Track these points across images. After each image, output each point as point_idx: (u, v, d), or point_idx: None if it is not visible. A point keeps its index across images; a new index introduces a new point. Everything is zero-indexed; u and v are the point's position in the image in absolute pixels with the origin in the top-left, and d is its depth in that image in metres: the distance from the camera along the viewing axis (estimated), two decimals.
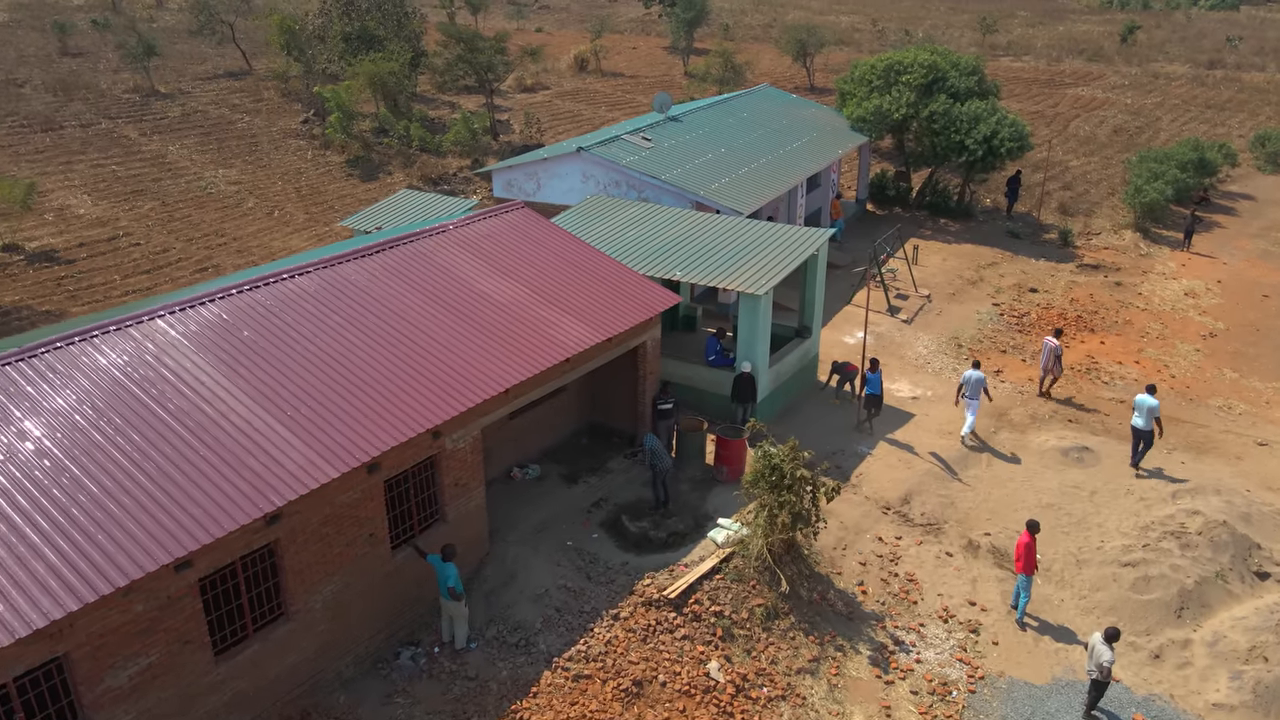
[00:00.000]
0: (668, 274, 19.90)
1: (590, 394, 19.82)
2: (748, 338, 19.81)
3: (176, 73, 48.43)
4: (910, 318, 26.92)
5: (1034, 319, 27.41)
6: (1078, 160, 44.62)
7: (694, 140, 28.88)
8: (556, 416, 19.11)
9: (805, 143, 31.08)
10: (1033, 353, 25.36)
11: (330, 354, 13.89)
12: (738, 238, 21.40)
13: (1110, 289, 29.92)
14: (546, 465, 18.54)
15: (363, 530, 13.15)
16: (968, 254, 32.13)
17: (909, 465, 19.92)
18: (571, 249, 18.79)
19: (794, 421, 21.30)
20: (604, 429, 19.85)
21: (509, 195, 27.90)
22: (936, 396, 22.89)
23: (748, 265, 19.99)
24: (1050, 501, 18.99)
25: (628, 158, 26.19)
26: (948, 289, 29.10)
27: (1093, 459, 20.54)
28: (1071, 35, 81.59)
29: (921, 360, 24.70)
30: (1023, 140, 32.12)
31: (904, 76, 33.16)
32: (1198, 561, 17.02)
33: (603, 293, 17.65)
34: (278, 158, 38.05)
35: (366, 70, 36.99)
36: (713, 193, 25.06)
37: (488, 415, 14.89)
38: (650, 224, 22.56)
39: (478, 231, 18.34)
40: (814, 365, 22.89)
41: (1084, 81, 62.80)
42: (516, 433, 18.21)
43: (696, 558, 16.21)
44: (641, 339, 18.07)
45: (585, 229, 22.51)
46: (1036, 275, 30.69)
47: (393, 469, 13.38)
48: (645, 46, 74.27)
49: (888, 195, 35.99)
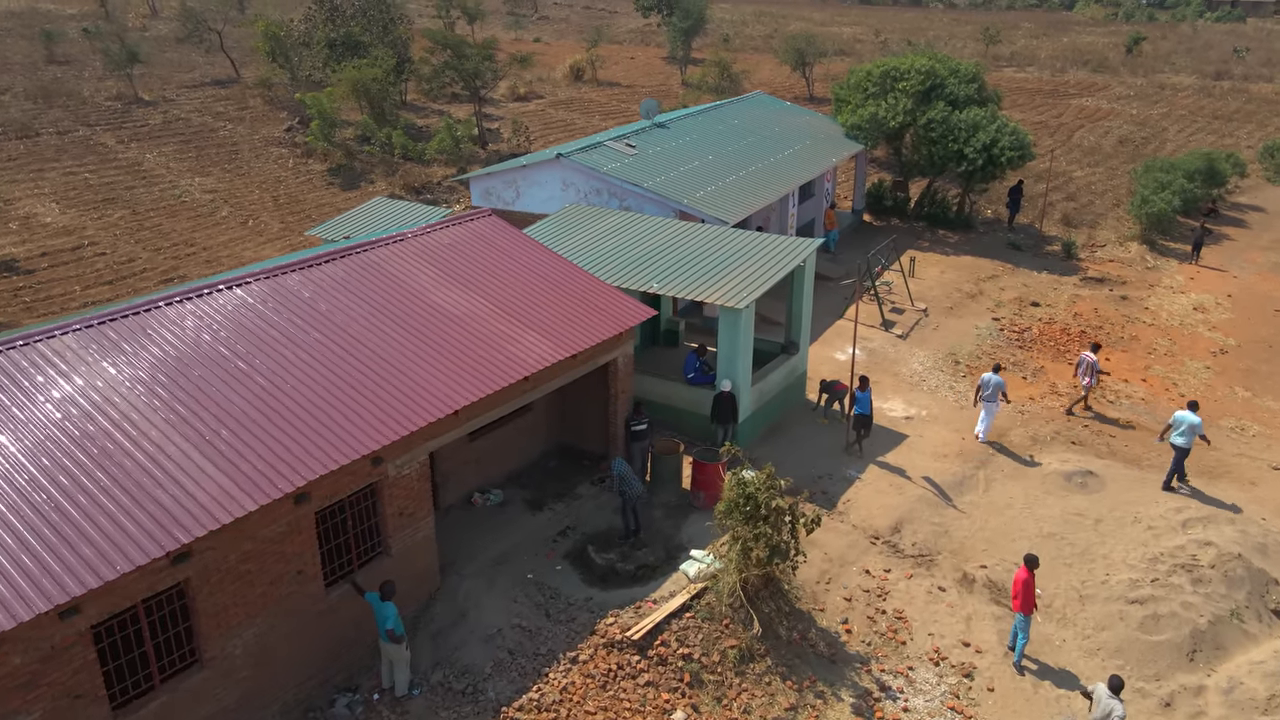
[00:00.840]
0: (644, 286, 18.74)
1: (560, 414, 18.63)
2: (728, 354, 18.61)
3: (163, 80, 47.55)
4: (905, 333, 25.71)
5: (1035, 334, 26.16)
6: (1082, 171, 43.44)
7: (680, 147, 27.77)
8: (522, 438, 17.90)
9: (797, 150, 29.95)
10: (1034, 370, 24.12)
11: (261, 373, 12.72)
12: (721, 248, 20.25)
13: (1115, 303, 28.68)
14: (510, 490, 17.33)
15: (290, 567, 11.95)
16: (967, 266, 30.93)
17: (900, 491, 18.66)
18: (539, 260, 17.64)
19: (779, 443, 20.08)
20: (575, 451, 18.64)
21: (487, 204, 26.79)
22: (931, 416, 21.64)
23: (729, 277, 18.82)
24: (1051, 530, 17.72)
25: (609, 165, 25.07)
26: (945, 302, 27.88)
27: (1097, 484, 19.27)
28: (1076, 46, 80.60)
29: (916, 378, 23.46)
30: (1024, 149, 30.95)
31: (901, 83, 32.04)
32: (1211, 598, 15.74)
33: (570, 306, 16.48)
34: (258, 166, 37.04)
35: (349, 77, 35.99)
36: (697, 201, 23.92)
37: (437, 438, 13.71)
38: (629, 233, 21.43)
39: (438, 241, 17.20)
40: (801, 383, 21.68)
41: (1088, 92, 61.72)
42: (477, 455, 17.01)
43: (666, 593, 14.97)
44: (612, 355, 16.89)
45: (561, 238, 21.40)
46: (1038, 289, 29.46)
47: (326, 499, 12.19)
48: (643, 57, 73.41)
49: (885, 206, 34.83)
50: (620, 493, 16.01)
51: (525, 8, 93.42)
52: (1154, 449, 20.77)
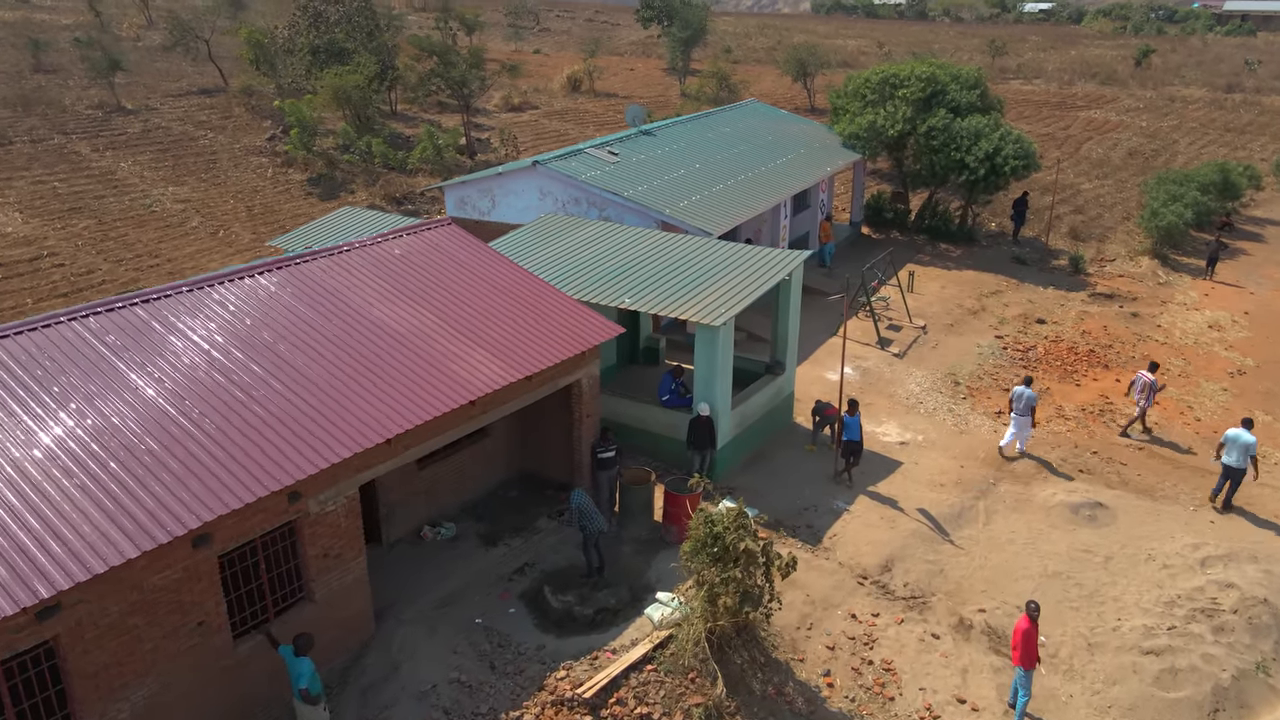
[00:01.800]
0: (615, 301, 17.35)
1: (521, 439, 17.21)
2: (705, 375, 17.18)
3: (148, 89, 46.53)
4: (902, 351, 24.24)
5: (1041, 353, 24.66)
6: (1090, 183, 41.99)
7: (666, 155, 26.45)
8: (479, 466, 16.49)
9: (790, 159, 28.59)
10: (1039, 391, 22.57)
11: (162, 398, 11.34)
12: (702, 261, 18.87)
13: (1126, 320, 27.18)
14: (465, 523, 15.89)
15: (189, 618, 10.53)
16: (969, 281, 29.47)
17: (892, 524, 17.16)
18: (499, 273, 16.27)
19: (762, 471, 18.62)
20: (538, 480, 17.20)
21: (462, 214, 25.49)
22: (928, 441, 20.15)
23: (708, 292, 17.42)
24: (1057, 569, 16.21)
25: (588, 173, 23.74)
26: (945, 319, 26.42)
27: (1107, 517, 17.75)
28: (1084, 59, 79.32)
29: (913, 399, 21.98)
30: (1028, 158, 29.53)
31: (900, 90, 30.69)
32: (1234, 649, 14.20)
33: (529, 323, 15.09)
34: (235, 175, 35.85)
35: (329, 84, 34.81)
36: (680, 211, 22.55)
37: (370, 469, 12.31)
38: (605, 245, 20.07)
39: (386, 252, 15.85)
40: (788, 406, 20.22)
41: (1096, 104, 60.35)
42: (428, 485, 15.60)
43: (628, 641, 13.50)
44: (575, 376, 15.48)
45: (532, 250, 20.05)
46: (1044, 305, 27.99)
47: (231, 541, 10.78)
48: (643, 68, 72.36)
49: (885, 218, 33.42)
50: (580, 528, 14.57)
51: (526, 20, 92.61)
52: (1169, 477, 19.27)
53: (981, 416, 21.33)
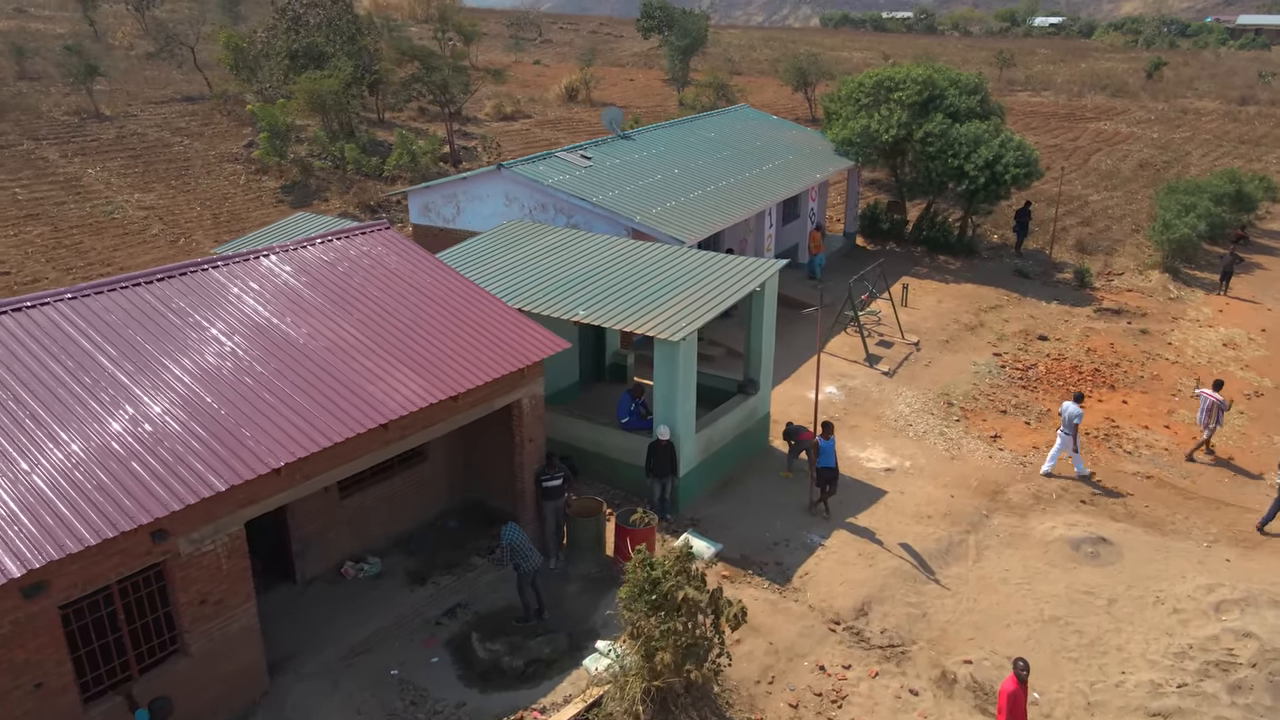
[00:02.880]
0: (568, 314, 15.84)
1: (464, 464, 15.67)
2: (665, 395, 15.62)
3: (131, 96, 45.44)
4: (892, 369, 22.62)
5: (1042, 372, 22.99)
6: (1098, 195, 40.32)
7: (643, 160, 24.98)
8: (414, 493, 14.94)
9: (777, 166, 27.08)
10: (1039, 414, 20.94)
11: (6, 426, 9.85)
12: (668, 270, 17.36)
13: (1134, 337, 25.49)
14: (394, 558, 14.33)
15: (22, 679, 9.00)
16: (968, 295, 27.84)
17: (871, 561, 15.51)
18: (437, 282, 14.77)
19: (731, 499, 17.01)
20: (483, 509, 15.64)
21: (426, 221, 24.08)
22: (916, 468, 18.50)
23: (671, 304, 15.89)
24: (1055, 613, 14.54)
25: (555, 177, 22.28)
26: (940, 335, 24.78)
27: (1112, 554, 16.08)
28: (1094, 71, 77.77)
29: (902, 421, 20.34)
30: (1030, 166, 27.93)
31: (896, 93, 29.16)
32: (1253, 712, 12.51)
33: (463, 337, 13.57)
34: (206, 182, 34.57)
35: (303, 88, 33.53)
36: (652, 218, 21.05)
37: (258, 503, 10.78)
38: (566, 253, 18.59)
39: (310, 259, 14.38)
40: (763, 429, 18.62)
41: (1106, 116, 58.73)
42: (352, 515, 14.06)
43: (561, 698, 11.91)
44: (514, 396, 13.93)
45: (486, 259, 18.59)
46: (1047, 320, 26.33)
47: (76, 588, 9.26)
48: (643, 78, 71.15)
49: (880, 228, 31.84)
50: (514, 566, 13.01)
51: (529, 31, 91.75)
52: (1180, 509, 17.58)
53: (975, 440, 19.68)
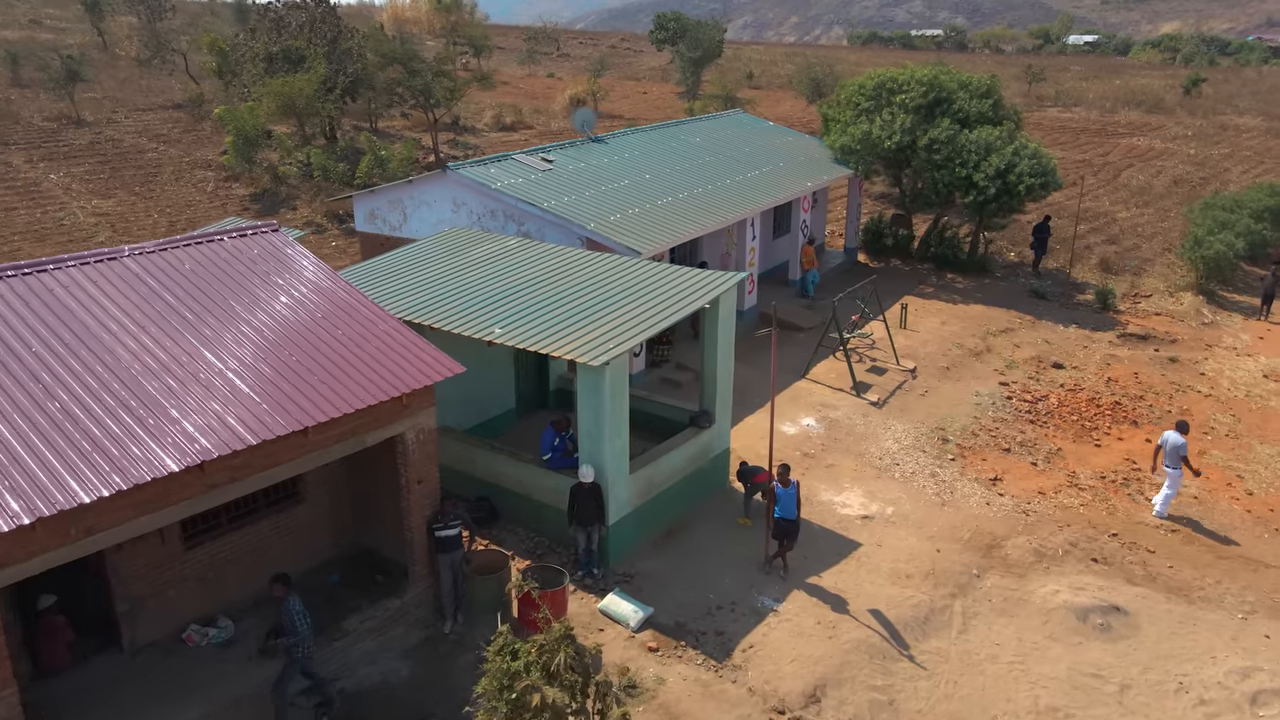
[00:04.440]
0: (482, 333, 13.58)
1: (356, 507, 13.39)
2: (590, 430, 13.27)
3: (119, 103, 44.19)
4: (882, 399, 20.08)
5: (1053, 404, 20.33)
6: (1127, 211, 37.48)
7: (612, 164, 22.75)
8: (287, 541, 12.67)
9: (765, 173, 24.72)
10: (1047, 454, 18.31)
11: None
12: (612, 284, 15.09)
13: (1161, 366, 22.75)
14: (252, 620, 12.03)
15: None
16: (975, 317, 25.22)
17: (832, 632, 13.00)
18: (319, 294, 12.57)
19: (675, 552, 14.58)
20: (375, 560, 13.34)
21: (372, 229, 22.02)
22: (899, 516, 15.95)
23: (602, 322, 13.59)
24: (1054, 703, 12.02)
25: (506, 181, 20.10)
26: (941, 361, 22.20)
27: (1126, 627, 13.48)
28: (1129, 88, 74.70)
29: (888, 459, 17.80)
30: (1047, 176, 25.31)
31: (898, 96, 26.72)
32: None
33: (331, 359, 11.33)
34: (173, 189, 32.90)
35: (272, 90, 31.77)
36: (608, 226, 18.77)
37: (14, 567, 8.55)
38: (501, 264, 16.37)
39: (175, 262, 12.25)
40: (720, 467, 16.17)
41: (1140, 132, 55.78)
42: (203, 570, 11.82)
43: None
44: (396, 429, 11.64)
45: (410, 270, 16.42)
46: (1063, 346, 23.65)
47: None
48: (657, 91, 69.25)
49: (884, 244, 29.33)
50: (287, 650, 10.65)
51: (546, 45, 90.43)
52: (1210, 570, 14.92)
53: (971, 483, 17.10)
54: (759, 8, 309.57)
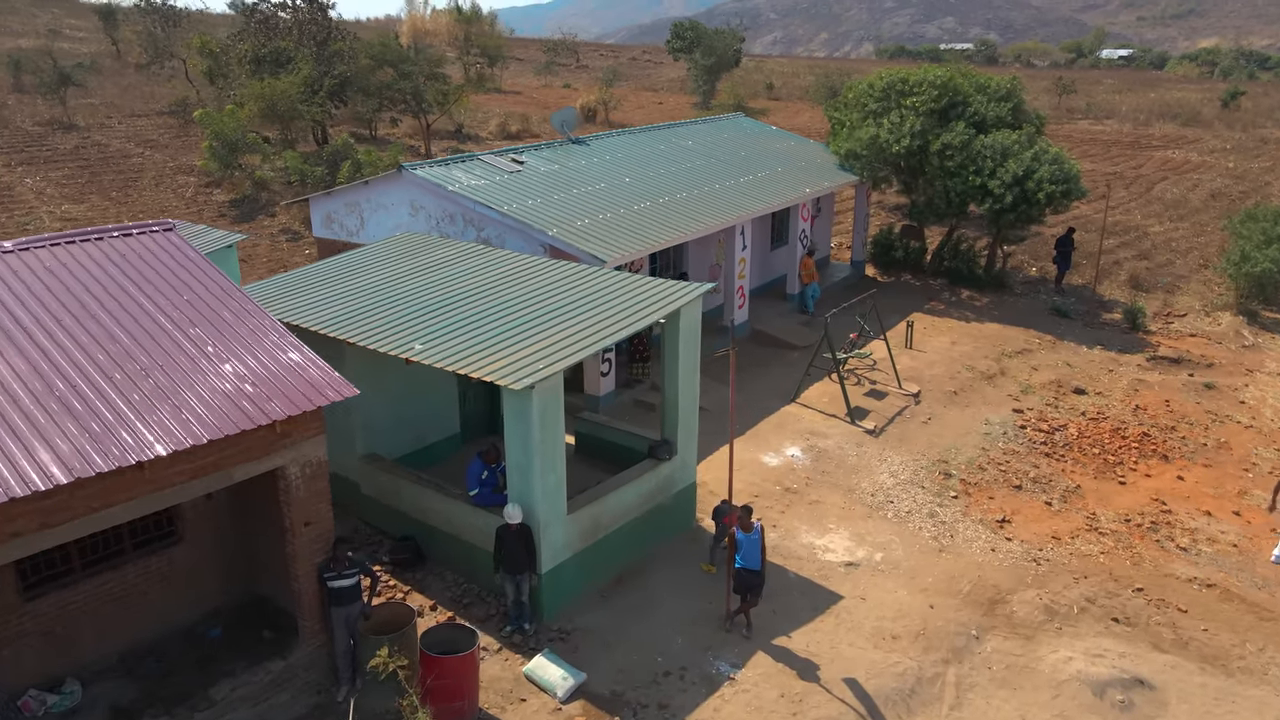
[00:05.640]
0: (400, 350, 11.78)
1: (246, 548, 11.61)
2: (519, 463, 11.41)
3: (114, 108, 43.22)
4: (879, 427, 18.03)
5: (1073, 435, 18.18)
6: (1160, 225, 35.11)
7: (589, 167, 20.98)
8: (159, 588, 10.90)
9: (760, 178, 22.81)
10: (1064, 492, 16.19)
11: None
12: (563, 294, 13.29)
13: (1197, 394, 20.52)
14: (109, 682, 10.24)
15: None
16: (990, 336, 23.09)
17: (797, 708, 10.99)
18: (201, 302, 10.85)
19: (624, 604, 12.63)
20: (268, 609, 11.54)
21: (329, 234, 20.38)
22: (889, 563, 13.91)
23: (536, 339, 11.76)
24: None
25: (465, 182, 18.38)
26: (948, 385, 20.11)
27: (1151, 704, 11.39)
28: (1164, 101, 72.05)
29: (881, 496, 15.76)
30: (1069, 183, 23.16)
31: (909, 99, 24.73)
32: None
33: (194, 377, 9.58)
34: (151, 194, 31.58)
35: (253, 91, 30.38)
36: (573, 232, 16.95)
37: None
38: (446, 273, 14.63)
39: (39, 262, 10.60)
40: (685, 504, 14.20)
41: (1175, 145, 53.32)
42: (50, 621, 10.07)
43: None
44: (274, 462, 9.84)
45: (339, 280, 14.72)
46: (1086, 370, 21.47)
47: None
48: (673, 101, 67.59)
49: (894, 257, 27.29)
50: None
51: (565, 57, 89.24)
52: (1252, 634, 12.78)
53: (975, 525, 15.03)
54: (788, 24, 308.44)
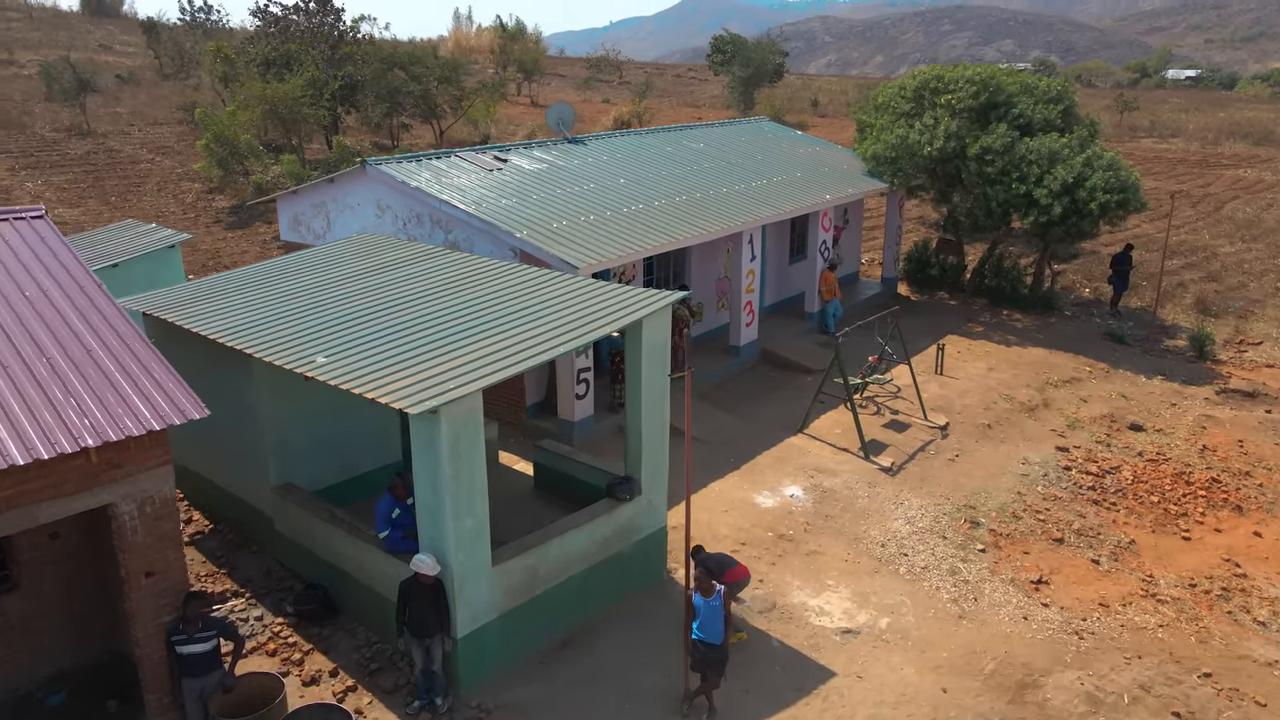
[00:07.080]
0: (300, 364, 9.86)
1: (103, 598, 9.71)
2: (429, 504, 9.37)
3: (138, 115, 42.65)
4: (897, 464, 15.63)
5: (1127, 480, 15.59)
6: (1231, 246, 32.10)
7: (580, 167, 19.00)
8: None
9: (775, 182, 20.62)
10: (1115, 547, 13.66)
11: None
12: (513, 301, 11.34)
13: (1275, 433, 17.77)
14: None
15: None
16: (1033, 363, 20.54)
17: None
18: (43, 299, 9.06)
19: (565, 673, 10.45)
20: (126, 669, 9.58)
21: (296, 236, 18.72)
22: (898, 631, 11.54)
23: (461, 353, 9.76)
24: None
25: (438, 178, 16.52)
26: (982, 417, 17.64)
27: None
28: (1233, 120, 68.31)
29: (894, 547, 13.38)
30: (1126, 192, 20.55)
31: (944, 97, 22.37)
32: None
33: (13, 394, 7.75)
34: (152, 200, 30.48)
35: (254, 93, 29.11)
36: (544, 236, 14.95)
37: None
38: (386, 277, 12.79)
39: None
40: (652, 552, 11.98)
41: (1247, 164, 49.93)
42: None
43: None
44: (100, 499, 7.92)
45: (267, 283, 12.99)
46: (1145, 403, 18.83)
47: None
48: (711, 116, 65.63)
49: (929, 274, 24.85)
50: None
51: (608, 73, 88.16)
52: None
53: (1005, 586, 12.59)
54: (843, 47, 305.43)
